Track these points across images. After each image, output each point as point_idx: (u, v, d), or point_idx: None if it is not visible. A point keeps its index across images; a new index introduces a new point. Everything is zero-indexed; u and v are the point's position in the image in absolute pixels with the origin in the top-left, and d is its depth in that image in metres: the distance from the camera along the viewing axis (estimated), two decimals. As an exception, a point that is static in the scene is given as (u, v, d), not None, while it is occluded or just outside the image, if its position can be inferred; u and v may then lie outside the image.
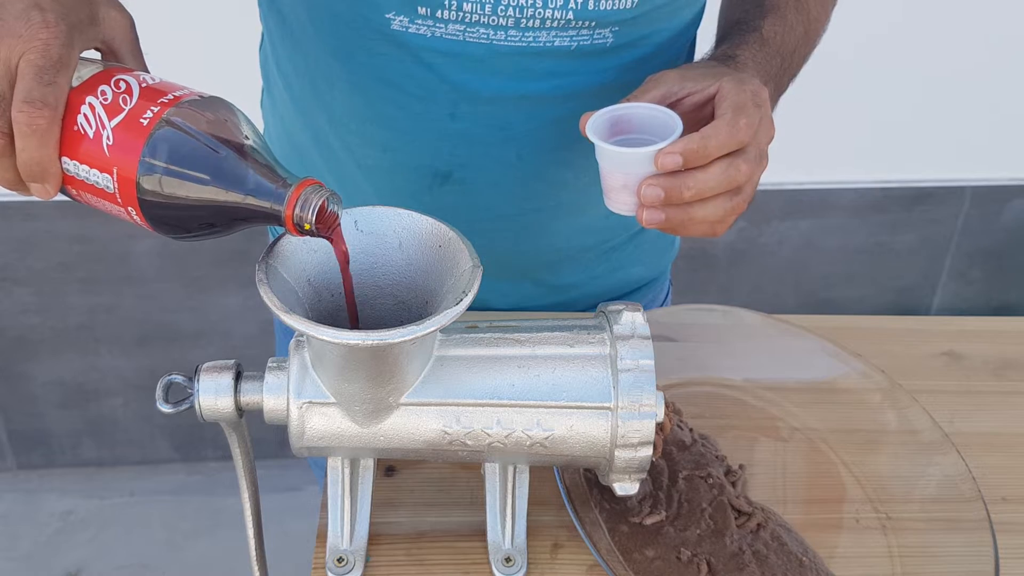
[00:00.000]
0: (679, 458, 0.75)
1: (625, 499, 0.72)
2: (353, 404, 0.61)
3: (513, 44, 0.74)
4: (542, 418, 0.62)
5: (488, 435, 0.63)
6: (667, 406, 0.69)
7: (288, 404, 0.62)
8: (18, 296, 1.77)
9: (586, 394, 0.62)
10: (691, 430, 0.78)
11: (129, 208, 0.56)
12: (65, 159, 0.57)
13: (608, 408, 0.62)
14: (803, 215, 1.86)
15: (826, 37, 0.86)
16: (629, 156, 0.66)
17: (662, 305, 1.04)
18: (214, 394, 0.62)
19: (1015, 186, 1.87)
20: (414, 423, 0.62)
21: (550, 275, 0.93)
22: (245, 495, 0.69)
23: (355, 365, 0.59)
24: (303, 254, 0.61)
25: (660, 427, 0.64)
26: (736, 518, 0.72)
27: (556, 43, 0.74)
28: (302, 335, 0.60)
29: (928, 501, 0.75)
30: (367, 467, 0.69)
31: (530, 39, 0.74)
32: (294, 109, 0.86)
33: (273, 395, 0.62)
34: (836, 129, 1.73)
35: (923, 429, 0.77)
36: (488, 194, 0.84)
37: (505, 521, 0.69)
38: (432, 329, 0.55)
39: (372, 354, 0.57)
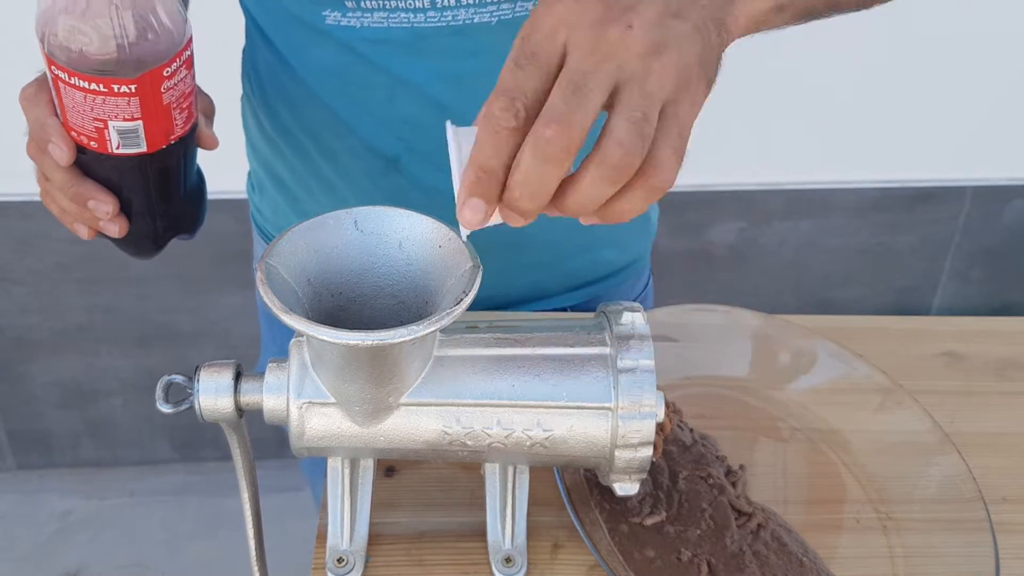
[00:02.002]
0: (679, 458, 0.75)
1: (625, 499, 0.72)
2: (353, 404, 0.61)
3: (434, 25, 0.75)
4: (542, 418, 0.62)
5: (488, 435, 0.63)
6: (667, 406, 0.69)
7: (288, 404, 0.62)
8: (17, 296, 1.77)
9: (586, 394, 0.62)
10: (691, 430, 0.78)
11: (54, 68, 0.63)
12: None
13: (608, 408, 0.62)
14: (803, 215, 1.86)
15: (825, 37, 0.84)
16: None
17: (643, 292, 1.03)
18: (214, 394, 0.62)
19: (1016, 186, 1.87)
20: (414, 423, 0.62)
21: (518, 255, 0.92)
22: (245, 495, 0.69)
23: (355, 365, 0.59)
24: (303, 254, 0.61)
25: (660, 427, 0.64)
26: (736, 518, 0.71)
27: (476, 19, 0.75)
28: (302, 335, 0.60)
29: (929, 501, 0.75)
30: (367, 467, 0.69)
31: (449, 18, 0.75)
32: (263, 103, 0.89)
33: (273, 395, 0.62)
34: (836, 129, 1.73)
35: (923, 429, 0.77)
36: (437, 177, 0.84)
37: (505, 521, 0.69)
38: (432, 329, 0.55)
39: (372, 354, 0.57)
